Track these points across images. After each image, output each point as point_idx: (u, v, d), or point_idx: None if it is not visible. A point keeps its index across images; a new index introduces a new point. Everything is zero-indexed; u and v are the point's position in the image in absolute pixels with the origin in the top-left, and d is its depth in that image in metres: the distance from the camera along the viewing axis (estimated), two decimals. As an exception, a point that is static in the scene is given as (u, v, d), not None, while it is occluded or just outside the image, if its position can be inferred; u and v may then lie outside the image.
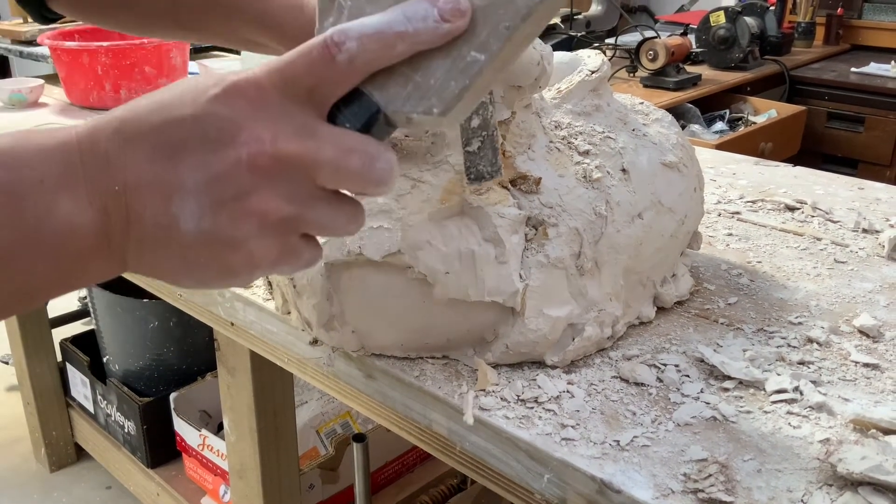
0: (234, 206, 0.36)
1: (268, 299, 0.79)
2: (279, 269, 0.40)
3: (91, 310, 1.63)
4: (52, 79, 1.80)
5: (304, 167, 0.37)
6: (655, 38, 2.28)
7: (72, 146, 0.36)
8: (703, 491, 0.52)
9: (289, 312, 0.74)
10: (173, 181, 0.36)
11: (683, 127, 2.17)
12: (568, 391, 0.64)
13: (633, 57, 2.29)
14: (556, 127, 0.73)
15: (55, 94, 1.70)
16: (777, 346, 0.70)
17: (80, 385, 1.71)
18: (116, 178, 0.36)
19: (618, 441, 0.58)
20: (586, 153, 0.71)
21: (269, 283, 0.77)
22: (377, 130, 0.39)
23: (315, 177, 0.37)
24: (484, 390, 0.64)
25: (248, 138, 0.36)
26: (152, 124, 0.36)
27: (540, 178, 0.67)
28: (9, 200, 0.34)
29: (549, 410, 0.61)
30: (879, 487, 0.52)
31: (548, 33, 2.36)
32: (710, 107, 2.34)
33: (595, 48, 2.31)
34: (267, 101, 0.37)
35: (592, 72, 0.76)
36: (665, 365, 0.67)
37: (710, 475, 0.54)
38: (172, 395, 1.49)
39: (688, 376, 0.65)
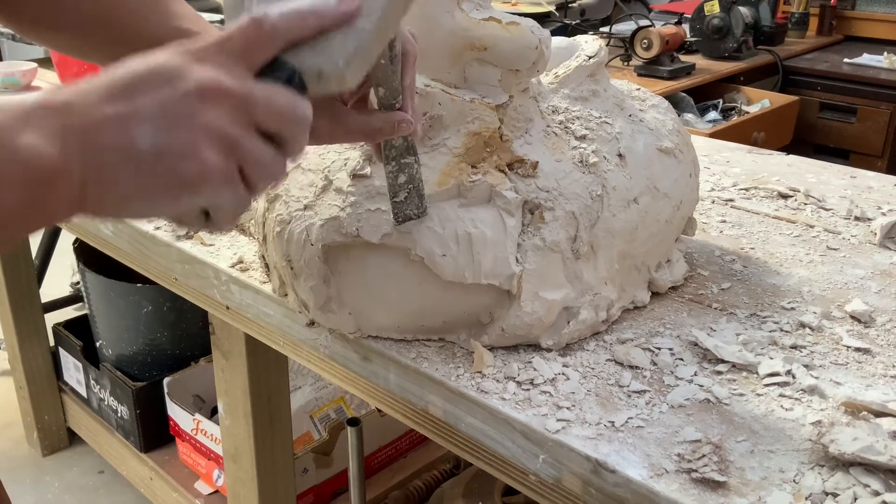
0: (186, 123, 0.43)
1: (264, 282, 0.79)
2: (221, 195, 0.45)
3: (84, 294, 1.62)
4: (45, 62, 1.78)
5: (243, 102, 0.44)
6: (650, 26, 2.28)
7: (26, 105, 0.41)
8: (696, 471, 0.53)
9: (286, 295, 0.75)
10: (130, 112, 0.42)
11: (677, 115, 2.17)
12: (563, 373, 0.64)
13: (627, 45, 2.29)
14: (553, 111, 0.73)
15: (48, 78, 1.69)
16: (770, 331, 0.70)
17: (72, 369, 1.71)
18: (75, 121, 0.41)
19: (612, 422, 0.58)
20: (583, 138, 0.71)
21: (267, 266, 0.77)
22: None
23: (252, 113, 0.44)
24: (480, 372, 0.64)
25: (197, 75, 0.43)
26: (104, 79, 0.43)
27: (537, 162, 0.67)
28: None
29: (544, 392, 0.62)
30: (870, 467, 0.53)
31: (542, 21, 2.36)
32: (704, 96, 2.34)
33: (590, 36, 2.31)
34: (208, 55, 0.45)
35: (590, 57, 0.76)
36: (659, 348, 0.67)
37: (704, 455, 0.54)
38: (166, 380, 1.49)
39: (682, 359, 0.66)
